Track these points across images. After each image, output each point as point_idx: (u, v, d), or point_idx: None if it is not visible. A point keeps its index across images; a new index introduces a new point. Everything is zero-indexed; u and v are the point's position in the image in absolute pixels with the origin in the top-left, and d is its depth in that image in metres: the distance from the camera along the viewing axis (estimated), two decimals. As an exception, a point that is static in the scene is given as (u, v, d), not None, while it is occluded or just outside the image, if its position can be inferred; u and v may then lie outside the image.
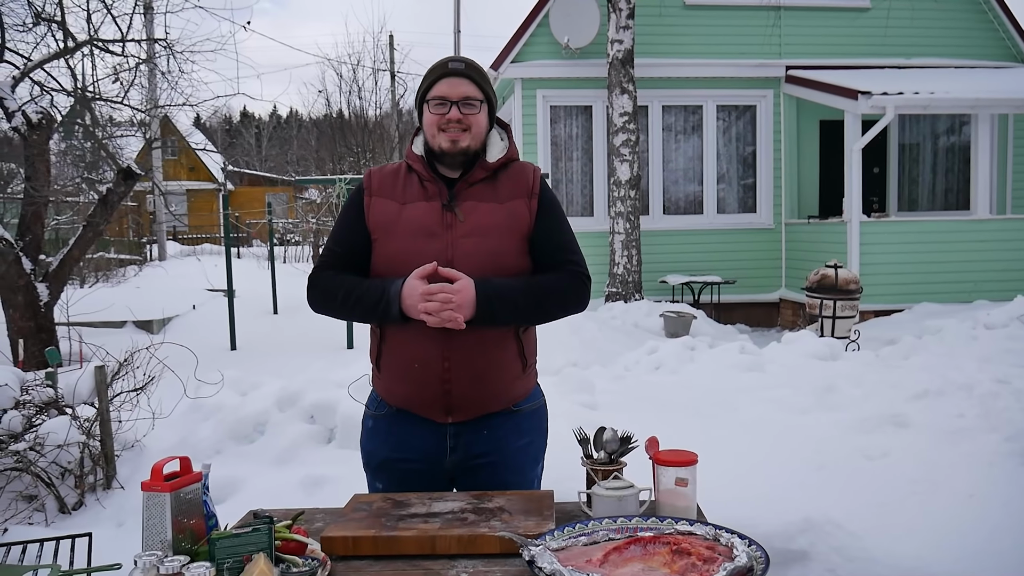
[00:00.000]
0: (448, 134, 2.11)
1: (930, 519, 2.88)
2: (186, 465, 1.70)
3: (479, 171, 2.16)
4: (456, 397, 2.14)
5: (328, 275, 2.18)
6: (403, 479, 2.21)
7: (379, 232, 2.14)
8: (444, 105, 2.11)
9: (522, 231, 2.15)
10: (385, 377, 2.22)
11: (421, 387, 2.15)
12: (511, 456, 2.21)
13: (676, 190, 11.62)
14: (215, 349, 8.54)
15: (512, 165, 2.22)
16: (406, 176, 2.20)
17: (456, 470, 2.21)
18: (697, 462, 1.98)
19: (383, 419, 2.24)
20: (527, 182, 2.19)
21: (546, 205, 2.20)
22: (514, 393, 2.22)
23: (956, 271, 9.90)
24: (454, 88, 2.12)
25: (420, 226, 2.11)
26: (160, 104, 8.66)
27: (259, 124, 61.85)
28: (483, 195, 2.15)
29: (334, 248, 2.21)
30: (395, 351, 2.18)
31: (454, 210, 2.12)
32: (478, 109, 2.14)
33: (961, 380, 3.95)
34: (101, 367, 3.80)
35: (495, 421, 2.19)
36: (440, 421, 2.17)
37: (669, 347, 6.15)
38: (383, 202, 2.16)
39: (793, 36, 11.37)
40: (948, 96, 9.73)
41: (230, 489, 3.61)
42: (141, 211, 22.89)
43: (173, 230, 29.52)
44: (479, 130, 2.15)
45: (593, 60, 10.81)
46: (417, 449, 2.19)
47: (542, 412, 2.32)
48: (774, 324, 11.55)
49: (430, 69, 2.19)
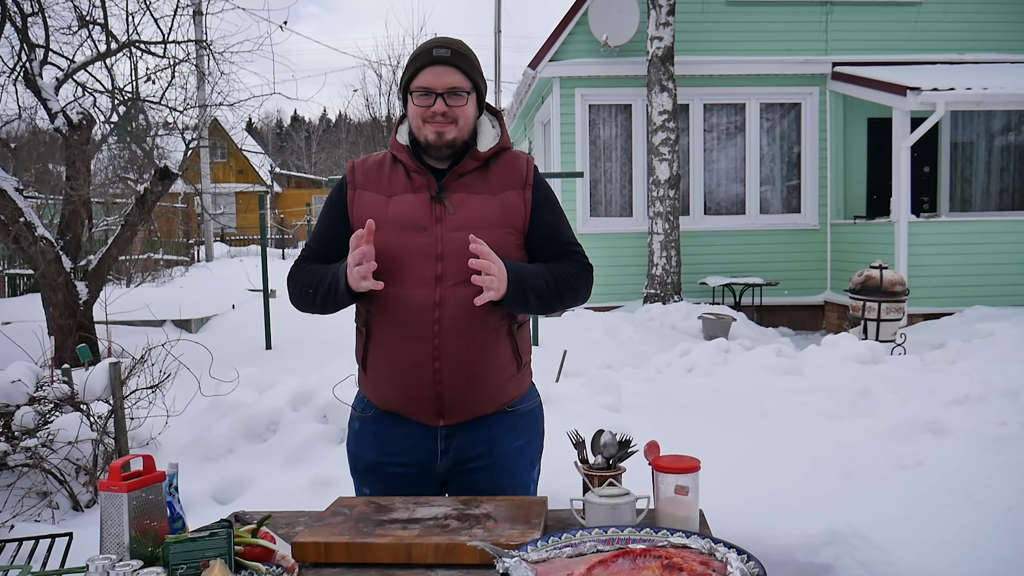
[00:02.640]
0: (434, 126, 1.99)
1: (963, 533, 2.69)
2: (149, 464, 1.62)
3: (470, 161, 2.04)
4: (448, 400, 2.03)
5: (301, 268, 2.09)
6: (392, 483, 2.11)
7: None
8: (429, 96, 1.99)
9: (516, 224, 2.03)
10: (372, 379, 2.12)
11: (411, 390, 2.04)
12: (506, 458, 2.10)
13: (718, 190, 11.38)
14: (250, 348, 8.57)
15: (504, 154, 2.10)
16: (391, 167, 2.08)
17: (448, 473, 2.10)
18: (699, 468, 1.84)
19: (370, 421, 2.14)
20: (520, 172, 2.07)
21: (542, 196, 2.08)
22: (509, 394, 2.11)
23: (1011, 273, 9.51)
24: (439, 78, 1.99)
25: (408, 220, 1.99)
26: (197, 104, 8.73)
27: (308, 127, 62.71)
28: (474, 186, 2.03)
29: (311, 245, 2.12)
30: (382, 352, 2.07)
31: (443, 202, 2.00)
32: (465, 100, 2.01)
33: (1005, 385, 3.72)
34: (116, 363, 3.77)
35: (489, 422, 2.08)
36: (431, 424, 2.07)
37: (702, 349, 5.97)
38: (368, 195, 2.05)
39: (840, 32, 11.06)
40: (1003, 92, 9.35)
41: (239, 488, 3.56)
42: (190, 213, 23.28)
43: (221, 231, 30.01)
44: (467, 121, 2.03)
45: (632, 58, 10.64)
46: (407, 452, 2.09)
47: (538, 412, 2.21)
48: (819, 327, 11.24)
49: (413, 56, 2.05)
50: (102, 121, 8.84)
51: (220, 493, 3.51)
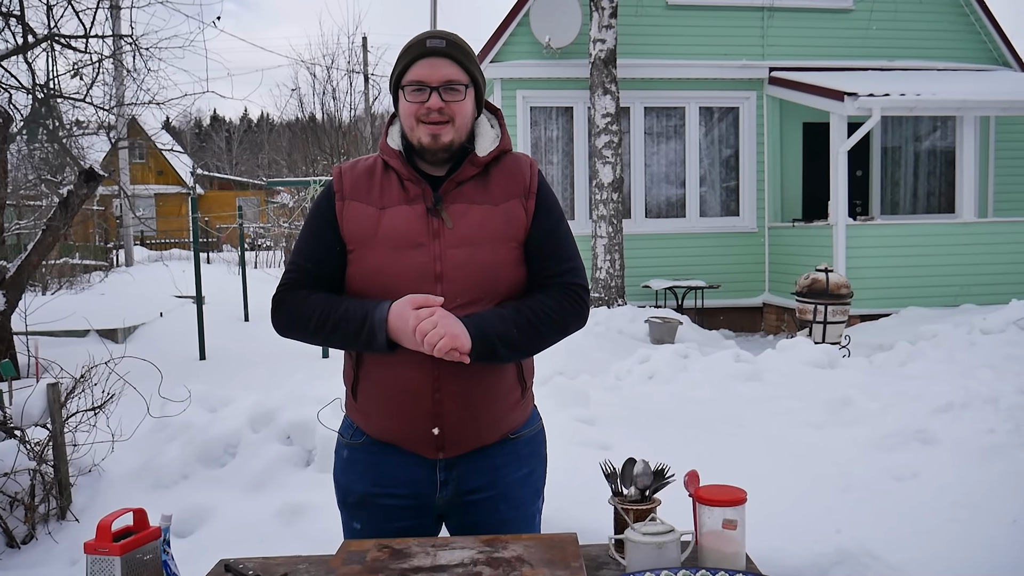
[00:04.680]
0: (428, 127, 1.79)
1: (973, 549, 2.63)
2: (141, 519, 1.39)
3: (468, 167, 1.84)
4: (449, 433, 1.84)
5: (299, 295, 1.85)
6: (387, 516, 1.91)
7: (356, 243, 1.83)
8: (423, 91, 1.78)
9: (519, 237, 1.84)
10: (363, 407, 1.91)
11: (408, 422, 1.84)
12: (510, 489, 1.92)
13: (658, 193, 11.41)
14: (183, 359, 8.17)
15: (504, 158, 1.90)
16: (383, 175, 1.87)
17: (448, 506, 1.92)
18: (746, 500, 1.70)
19: (360, 449, 1.92)
20: (524, 179, 1.87)
21: (545, 206, 1.89)
22: (513, 421, 1.93)
23: (942, 275, 9.77)
24: (434, 71, 1.79)
25: (402, 235, 1.79)
26: (126, 103, 8.27)
27: (229, 127, 61.09)
28: (474, 196, 1.83)
29: (303, 263, 1.87)
30: (376, 379, 1.86)
31: (441, 215, 1.80)
32: (463, 95, 1.81)
33: (986, 392, 3.72)
34: (55, 384, 3.45)
35: (491, 451, 1.90)
36: (430, 457, 1.88)
37: (662, 355, 5.89)
38: (358, 207, 1.84)
39: (776, 37, 11.21)
40: (934, 98, 9.60)
41: (198, 521, 3.27)
42: (107, 215, 22.32)
43: (140, 235, 28.91)
44: (464, 120, 1.82)
45: (575, 60, 10.57)
46: (403, 483, 1.89)
47: (541, 437, 2.03)
48: (757, 329, 11.37)
49: (406, 47, 1.85)
50: (19, 120, 8.30)
51: (177, 525, 3.21)
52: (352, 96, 14.79)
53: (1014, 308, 6.89)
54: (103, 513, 3.54)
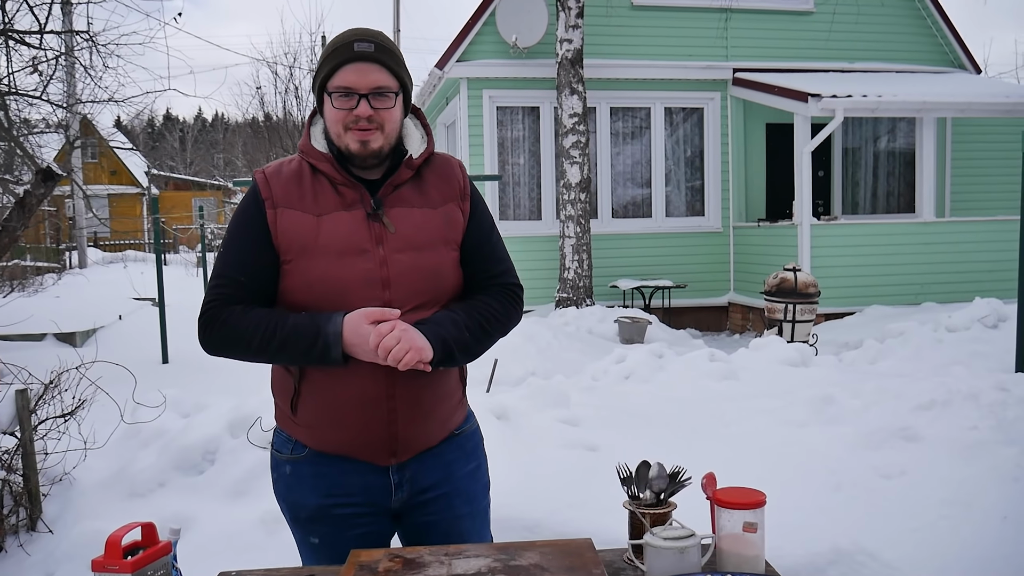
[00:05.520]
0: (356, 133, 1.72)
1: (966, 546, 2.65)
2: (149, 533, 1.32)
3: (405, 171, 1.80)
4: (403, 438, 1.81)
5: (234, 312, 1.73)
6: (343, 526, 1.85)
7: (293, 253, 1.74)
8: (351, 98, 1.71)
9: (457, 239, 1.83)
10: (305, 420, 1.82)
11: (360, 431, 1.79)
12: (462, 484, 1.93)
13: (625, 193, 11.44)
14: (145, 363, 7.95)
15: (434, 159, 1.87)
16: (312, 179, 1.78)
17: (403, 507, 1.89)
18: (766, 503, 1.68)
19: (305, 463, 1.84)
20: (457, 181, 1.86)
21: (479, 208, 1.88)
22: (456, 419, 1.94)
23: (905, 273, 9.94)
24: (362, 76, 1.71)
25: (345, 242, 1.73)
26: (83, 100, 8.05)
27: (183, 127, 60.10)
28: (412, 199, 1.79)
29: (234, 276, 1.75)
30: (322, 392, 1.78)
31: (383, 219, 1.75)
32: (392, 102, 1.75)
33: (966, 389, 3.77)
34: (23, 391, 3.32)
35: (439, 449, 1.90)
36: (383, 464, 1.83)
37: (637, 355, 5.89)
38: (293, 215, 1.74)
39: (739, 39, 11.31)
40: (895, 99, 9.76)
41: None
42: (60, 216, 21.78)
43: (94, 236, 28.26)
44: (393, 127, 1.77)
45: (541, 60, 10.54)
46: (358, 491, 1.84)
47: (479, 433, 2.04)
48: (723, 328, 11.47)
49: (331, 49, 1.75)
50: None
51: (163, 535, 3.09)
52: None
53: (978, 306, 7.02)
54: (76, 523, 3.43)
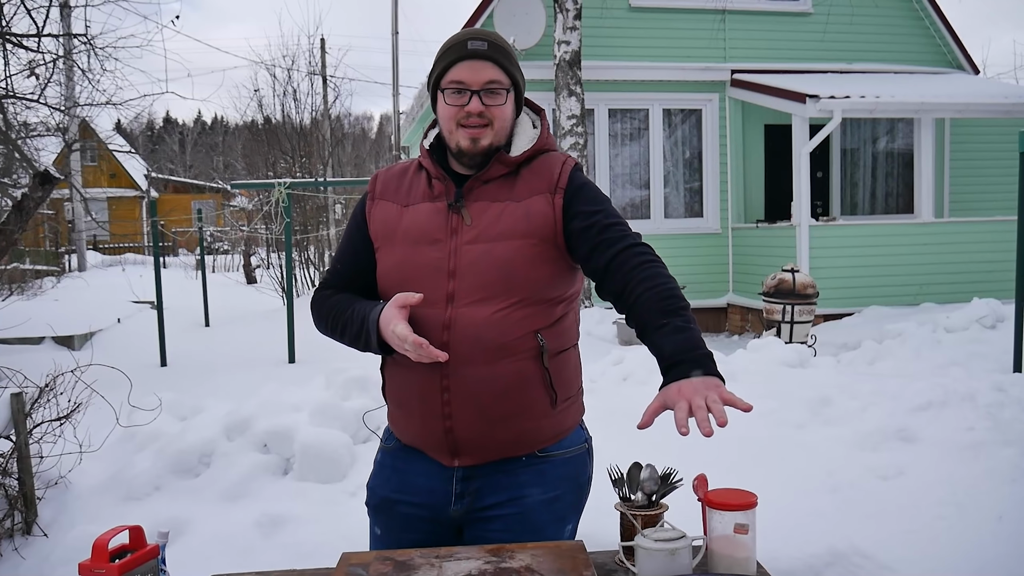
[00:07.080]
0: (468, 131, 1.76)
1: (962, 546, 2.65)
2: (137, 537, 1.31)
3: (497, 167, 1.80)
4: (461, 438, 1.78)
5: (324, 295, 1.92)
6: (403, 524, 1.87)
7: (380, 240, 1.85)
8: (463, 94, 1.76)
9: (543, 234, 1.76)
10: (390, 410, 1.93)
11: (422, 423, 1.81)
12: (531, 511, 1.80)
13: (623, 195, 11.44)
14: (144, 366, 7.96)
15: (539, 158, 1.84)
16: (414, 175, 1.88)
17: (463, 519, 1.85)
18: (757, 504, 1.67)
19: (390, 454, 1.93)
20: (552, 175, 1.80)
21: (580, 198, 1.78)
22: (541, 435, 1.81)
23: (903, 274, 9.93)
24: (475, 73, 1.75)
25: (421, 232, 1.78)
26: (81, 103, 8.05)
27: (183, 129, 60.15)
28: (498, 194, 1.79)
29: (336, 264, 1.96)
30: (394, 380, 1.88)
31: (461, 211, 1.77)
32: (504, 98, 1.78)
33: (963, 390, 3.76)
34: (19, 394, 3.31)
35: (512, 466, 1.81)
36: (446, 464, 1.82)
37: (635, 356, 5.87)
38: (385, 206, 1.87)
39: (736, 40, 11.31)
40: (893, 100, 9.76)
41: (174, 533, 3.15)
42: (59, 219, 21.78)
43: (93, 239, 28.27)
44: (504, 124, 1.80)
45: (539, 62, 10.55)
46: (422, 491, 1.84)
47: (579, 460, 1.90)
48: (722, 329, 11.46)
49: (446, 49, 1.81)
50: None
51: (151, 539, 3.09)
52: (313, 97, 14.67)
53: (976, 307, 7.02)
54: (71, 527, 3.42)
